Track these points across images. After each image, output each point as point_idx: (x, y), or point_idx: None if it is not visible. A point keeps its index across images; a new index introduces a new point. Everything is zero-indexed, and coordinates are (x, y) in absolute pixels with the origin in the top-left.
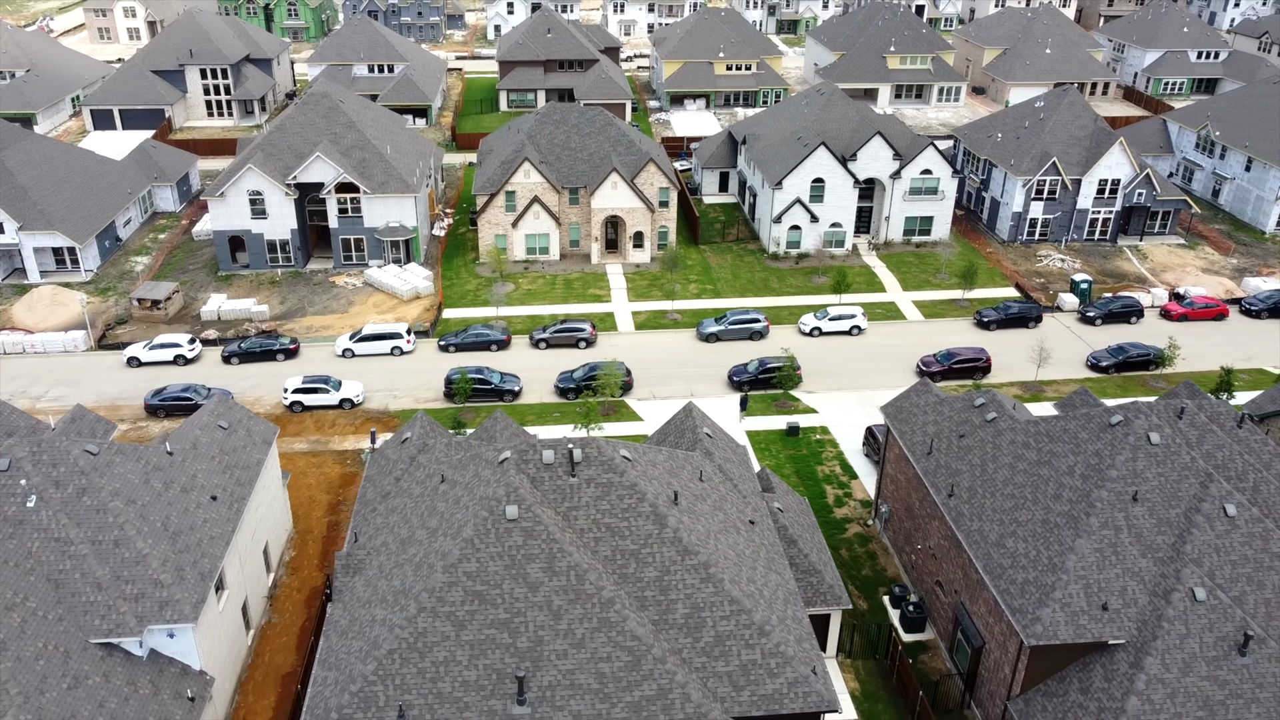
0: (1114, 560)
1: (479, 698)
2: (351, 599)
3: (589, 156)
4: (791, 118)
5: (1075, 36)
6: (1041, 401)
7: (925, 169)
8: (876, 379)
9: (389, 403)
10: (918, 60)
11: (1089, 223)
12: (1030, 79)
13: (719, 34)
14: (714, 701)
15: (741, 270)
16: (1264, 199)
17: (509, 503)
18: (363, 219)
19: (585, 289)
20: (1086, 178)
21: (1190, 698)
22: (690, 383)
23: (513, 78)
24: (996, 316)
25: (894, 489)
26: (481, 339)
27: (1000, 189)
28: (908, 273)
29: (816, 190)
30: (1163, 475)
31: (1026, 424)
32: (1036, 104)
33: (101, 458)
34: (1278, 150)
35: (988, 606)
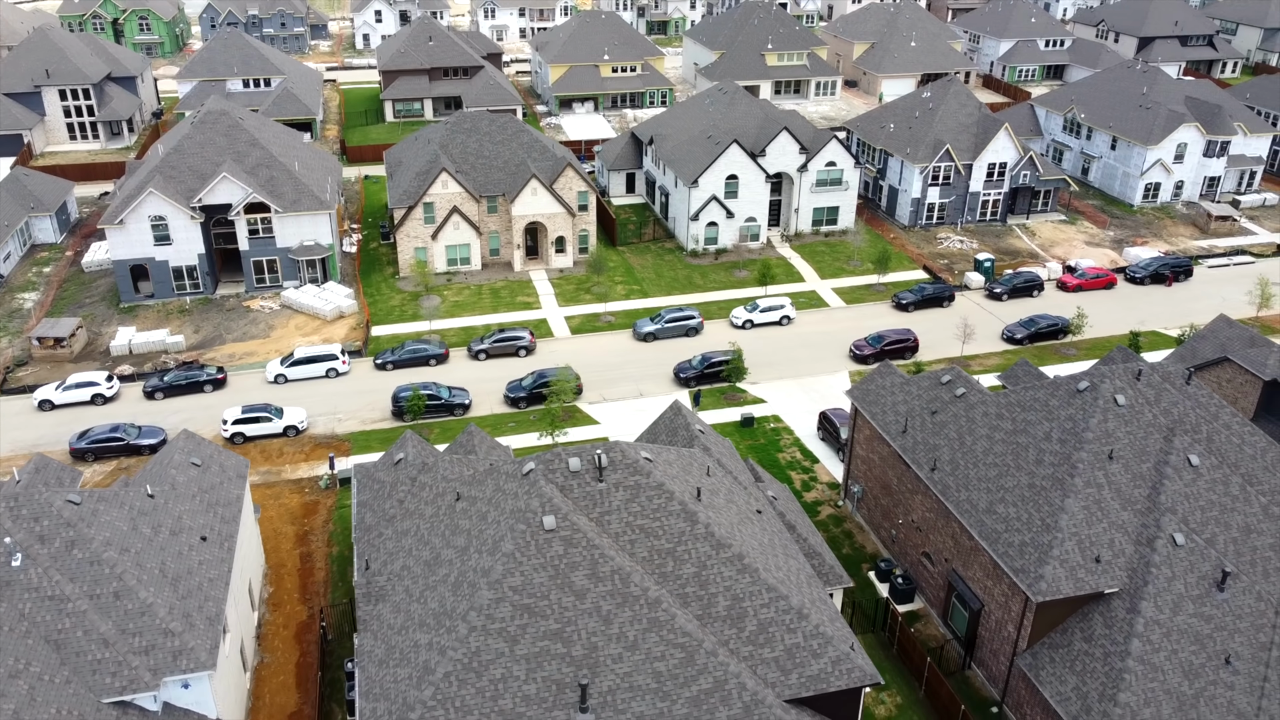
0: (1100, 516)
1: (541, 710)
2: (382, 627)
3: (504, 164)
4: (696, 117)
5: (936, 29)
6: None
7: (830, 161)
8: (813, 366)
9: (334, 426)
10: (794, 57)
11: (981, 204)
12: (899, 71)
13: (602, 37)
14: (766, 687)
15: (664, 269)
16: (1130, 175)
17: (545, 513)
18: (275, 239)
19: (513, 297)
20: (977, 162)
21: (1182, 634)
22: (636, 382)
23: (397, 87)
24: (913, 298)
25: (866, 469)
26: (419, 354)
27: (898, 177)
28: (822, 262)
29: (731, 187)
30: (1131, 434)
31: (997, 396)
32: (924, 95)
33: (85, 507)
34: (1139, 129)
35: (984, 570)
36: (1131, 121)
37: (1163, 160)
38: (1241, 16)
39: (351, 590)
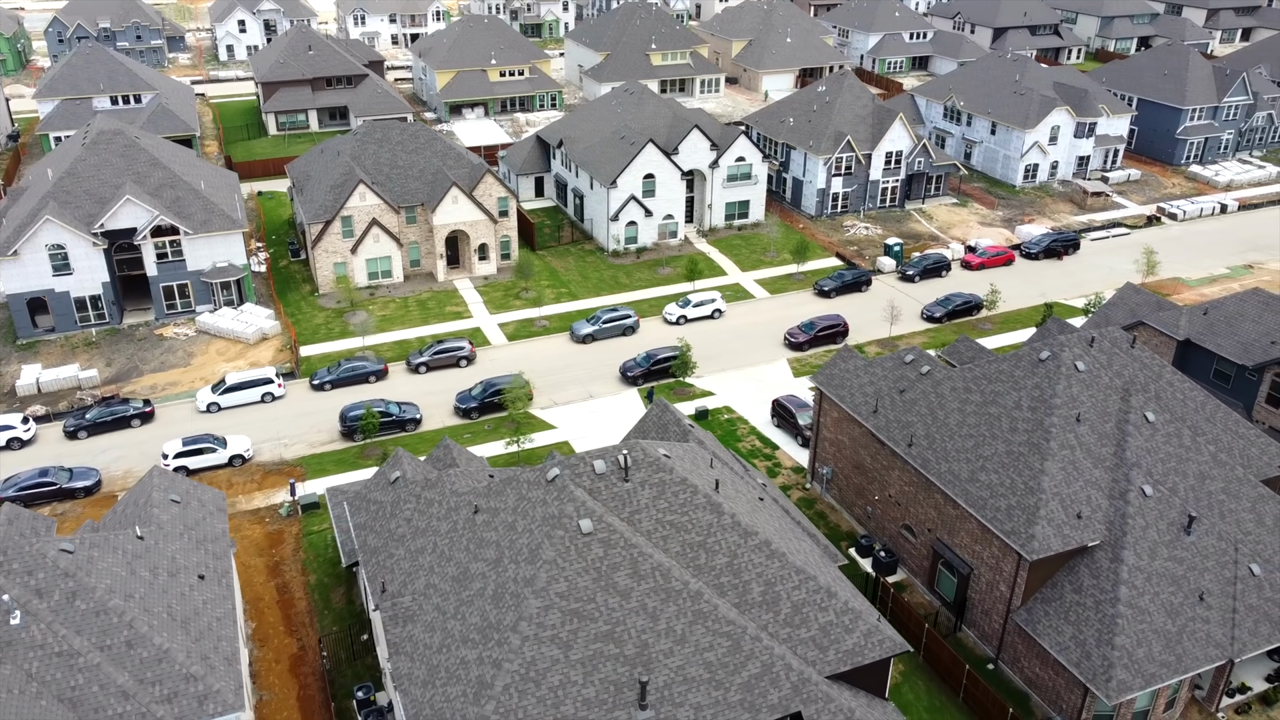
0: (1076, 475)
1: (602, 712)
2: (417, 648)
3: (420, 173)
4: (604, 118)
5: (809, 25)
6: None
7: (739, 156)
8: (752, 356)
9: (281, 452)
10: (677, 56)
11: (880, 192)
12: (778, 67)
13: (487, 41)
14: (808, 666)
15: (588, 271)
16: (1010, 157)
17: (580, 517)
18: (185, 262)
19: (441, 308)
20: (875, 152)
21: (1161, 577)
22: (583, 385)
23: (279, 99)
24: (834, 284)
25: (835, 450)
26: (358, 371)
27: (802, 169)
28: (740, 255)
29: (648, 186)
30: (1093, 396)
31: (962, 371)
32: (819, 88)
33: (80, 554)
34: (1016, 114)
35: (972, 536)
36: (1008, 107)
37: (1039, 142)
38: (1080, 6)
39: (345, 617)
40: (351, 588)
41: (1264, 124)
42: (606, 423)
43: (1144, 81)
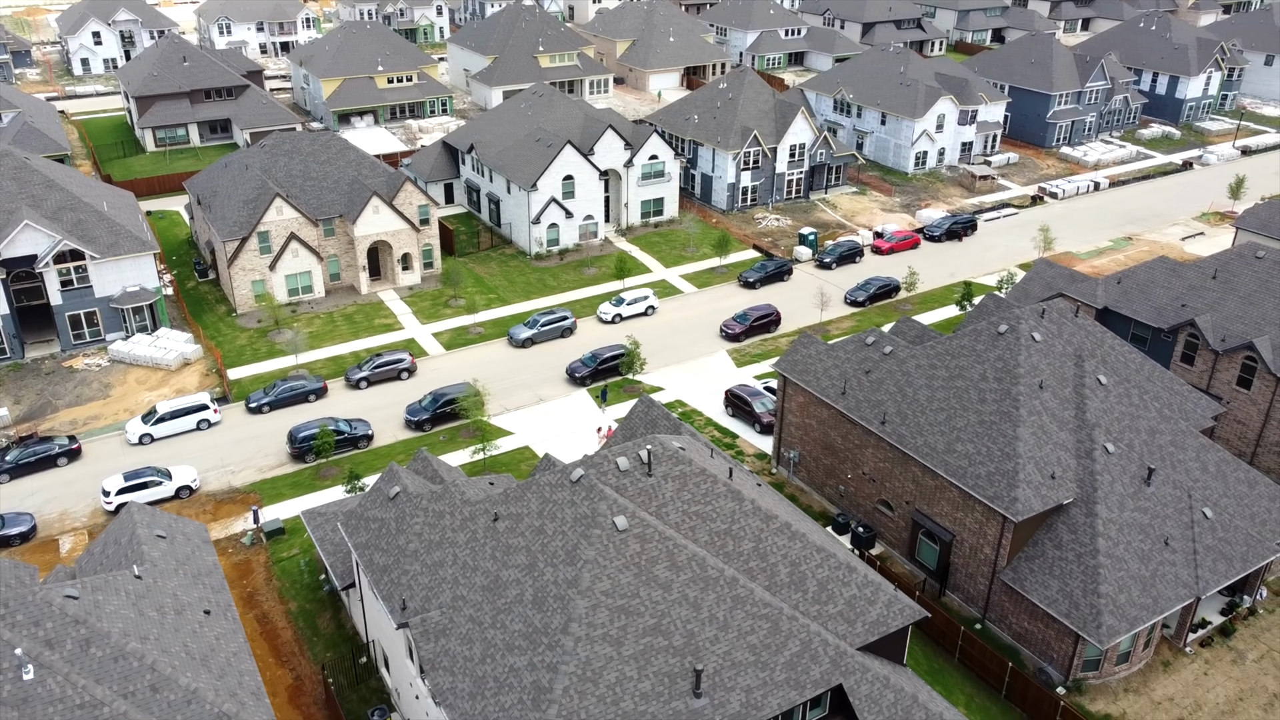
0: (1045, 439)
1: (660, 704)
2: (456, 661)
3: (335, 184)
4: (514, 121)
5: (689, 24)
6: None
7: (653, 154)
8: (691, 349)
9: (229, 479)
10: (566, 57)
11: (786, 184)
12: (663, 66)
13: (372, 47)
14: (841, 640)
15: (513, 275)
16: (901, 146)
17: (614, 514)
18: (93, 289)
19: (370, 321)
20: (780, 145)
21: (1130, 527)
22: (531, 389)
23: (156, 113)
24: (758, 275)
25: (802, 434)
26: (296, 391)
27: (711, 165)
28: (661, 251)
29: (568, 187)
30: (1051, 364)
31: (925, 348)
32: (720, 85)
33: (86, 599)
34: (905, 105)
35: (953, 504)
36: (896, 98)
37: (928, 131)
38: (939, 1)
39: (338, 642)
40: (338, 611)
41: (1121, 106)
42: (562, 425)
43: (1014, 70)
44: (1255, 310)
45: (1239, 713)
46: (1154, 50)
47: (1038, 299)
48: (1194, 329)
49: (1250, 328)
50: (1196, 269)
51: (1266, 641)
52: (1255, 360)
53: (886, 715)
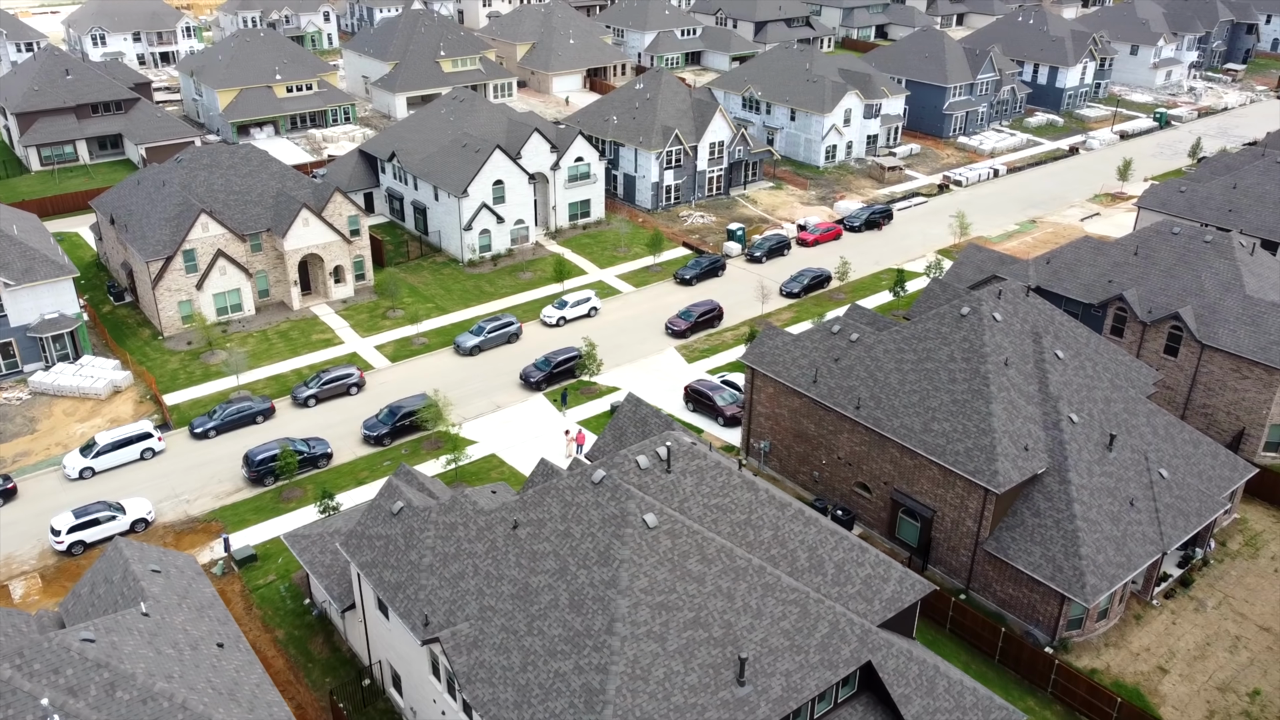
0: (1015, 413)
1: (708, 695)
2: (494, 672)
3: (259, 197)
4: (436, 127)
5: (588, 26)
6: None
7: (578, 156)
8: (639, 348)
9: (185, 509)
10: (468, 62)
11: (708, 181)
12: (565, 68)
13: (268, 56)
14: (863, 618)
15: (448, 283)
16: (812, 141)
17: (644, 512)
18: (8, 318)
19: (307, 337)
20: (700, 143)
21: (1100, 491)
22: (486, 396)
23: (39, 131)
24: (694, 272)
25: (773, 424)
26: (244, 413)
27: (634, 165)
28: (593, 253)
29: (498, 192)
30: (1013, 342)
31: (891, 334)
32: (637, 86)
33: (102, 641)
34: (814, 100)
35: (933, 481)
36: (805, 94)
37: (836, 125)
38: None
39: (335, 666)
40: (331, 635)
41: (1008, 97)
42: (524, 430)
43: (909, 64)
44: (1176, 283)
45: (1208, 656)
46: (1033, 43)
47: (970, 282)
48: (1122, 303)
49: (1173, 299)
50: (1119, 247)
51: (1221, 589)
52: (1181, 329)
53: (913, 686)
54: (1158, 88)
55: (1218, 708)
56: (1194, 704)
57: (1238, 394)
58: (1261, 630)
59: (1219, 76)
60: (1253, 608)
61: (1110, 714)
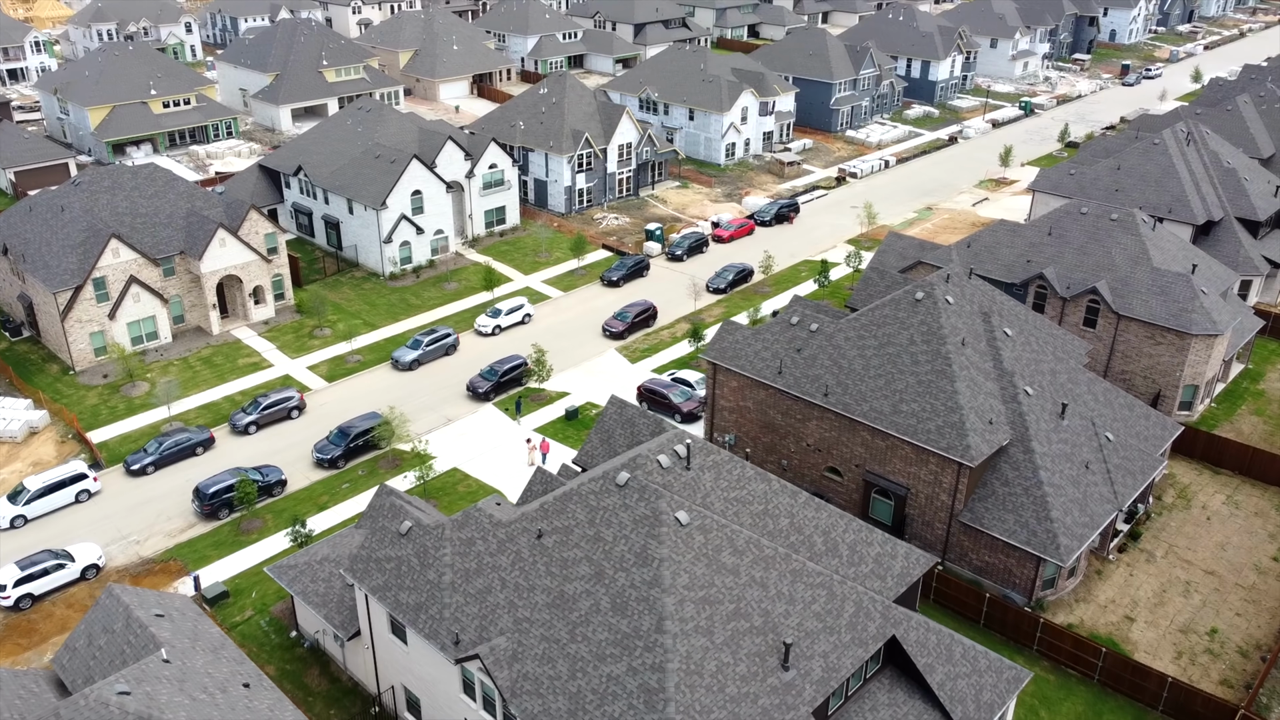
0: (977, 390)
1: (757, 684)
2: (540, 683)
3: (169, 219)
4: (343, 138)
5: (470, 31)
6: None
7: (492, 164)
8: (580, 351)
9: (137, 550)
10: (352, 71)
11: (618, 183)
12: (452, 74)
13: (140, 70)
14: (881, 595)
15: (372, 298)
16: (711, 139)
17: (676, 510)
18: None
19: (233, 362)
20: (610, 146)
21: (1060, 457)
22: (435, 410)
23: None
24: (620, 273)
25: (737, 417)
26: (182, 445)
27: (544, 169)
28: (514, 259)
29: (417, 202)
30: (965, 322)
31: (850, 322)
32: (541, 90)
33: (138, 693)
34: (711, 100)
35: (905, 461)
36: (702, 94)
37: (734, 123)
38: (697, 0)
39: (339, 697)
40: (327, 665)
41: (888, 91)
42: (481, 442)
43: (794, 62)
44: (1089, 259)
45: (1166, 602)
46: (904, 38)
47: (896, 268)
48: (1043, 280)
49: (1089, 275)
50: (1033, 228)
51: (1165, 540)
52: (1099, 302)
53: (934, 655)
54: (1017, 78)
55: (1184, 648)
56: (1162, 647)
57: (1153, 359)
58: (1207, 574)
59: (1068, 66)
60: (1195, 554)
61: (1095, 664)
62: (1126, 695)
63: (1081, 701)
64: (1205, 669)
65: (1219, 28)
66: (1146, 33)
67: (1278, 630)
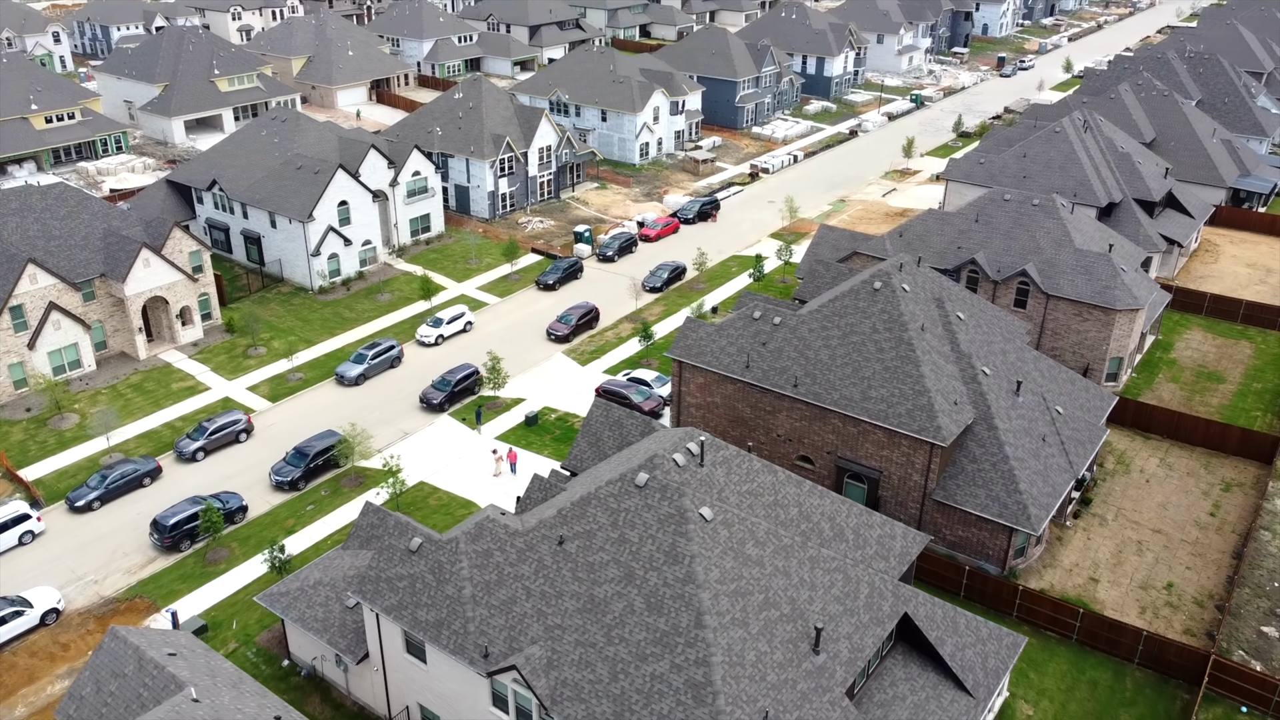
0: (940, 372)
1: (794, 670)
2: (581, 689)
3: (85, 240)
4: (259, 150)
5: (364, 36)
6: (656, 322)
7: (415, 171)
8: (526, 357)
9: (96, 591)
10: (246, 80)
11: (539, 186)
12: (349, 81)
13: (17, 83)
14: (888, 575)
15: (304, 313)
16: (625, 140)
17: (700, 507)
18: None
19: (166, 387)
20: (530, 149)
21: (1020, 432)
22: (389, 424)
23: None
24: (556, 276)
25: (705, 413)
26: (129, 477)
27: (466, 175)
28: (445, 267)
29: (344, 213)
30: (922, 309)
31: (812, 314)
32: (456, 95)
33: None
34: (624, 101)
35: (878, 444)
36: (613, 95)
37: (647, 123)
38: (586, 1)
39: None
40: (328, 692)
41: (788, 88)
42: (443, 454)
43: (698, 61)
44: (1016, 244)
45: (1123, 562)
46: (799, 36)
47: (832, 260)
48: (974, 265)
49: (1017, 258)
50: (961, 216)
51: (1113, 503)
52: (1028, 283)
53: (942, 629)
54: (904, 72)
55: (1146, 603)
56: (1127, 603)
57: (1080, 335)
58: (1155, 533)
59: (949, 60)
60: (1141, 515)
61: (1073, 624)
62: (1105, 651)
63: (1064, 661)
64: (1168, 621)
65: (1079, 20)
66: (1015, 26)
67: (1225, 579)
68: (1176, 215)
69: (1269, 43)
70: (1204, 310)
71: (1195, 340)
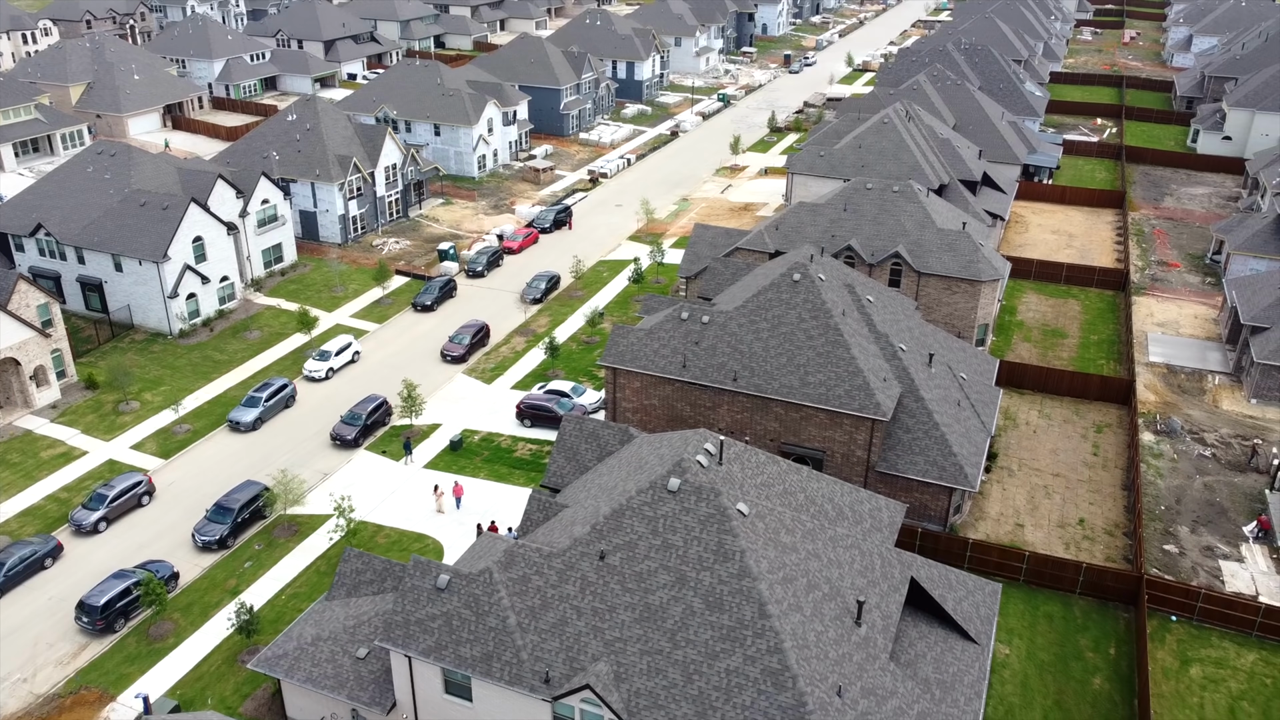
0: (866, 353)
1: (846, 645)
2: (657, 696)
3: None
4: (86, 188)
5: (149, 59)
6: (545, 334)
7: (264, 199)
8: (426, 380)
9: (29, 690)
10: (22, 111)
11: (388, 206)
12: (140, 107)
13: None
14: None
15: (168, 361)
16: (462, 153)
17: (737, 503)
18: None
19: (34, 457)
20: (377, 169)
21: (941, 400)
22: (304, 466)
23: None
24: (432, 296)
25: (643, 415)
26: (29, 560)
27: (312, 200)
28: (309, 297)
29: (199, 250)
30: (835, 296)
31: (739, 310)
32: (289, 117)
33: None
34: (457, 114)
35: (820, 426)
36: (445, 108)
37: (483, 135)
38: (379, 13)
39: None
40: None
41: (605, 93)
42: (375, 491)
43: (519, 70)
44: (884, 228)
45: (1038, 506)
46: (607, 41)
47: (711, 258)
48: (850, 250)
49: (887, 241)
50: (830, 205)
51: (1014, 455)
52: (901, 263)
53: (942, 587)
54: (703, 73)
55: (1068, 539)
56: (1051, 542)
57: (951, 306)
58: (1055, 476)
59: (740, 59)
60: (1039, 462)
61: (1020, 566)
62: (1050, 587)
63: (1020, 601)
64: (1090, 552)
65: (841, 17)
66: (789, 25)
67: (1122, 509)
68: (992, 192)
69: (1021, 34)
70: (1032, 275)
71: (1033, 303)
